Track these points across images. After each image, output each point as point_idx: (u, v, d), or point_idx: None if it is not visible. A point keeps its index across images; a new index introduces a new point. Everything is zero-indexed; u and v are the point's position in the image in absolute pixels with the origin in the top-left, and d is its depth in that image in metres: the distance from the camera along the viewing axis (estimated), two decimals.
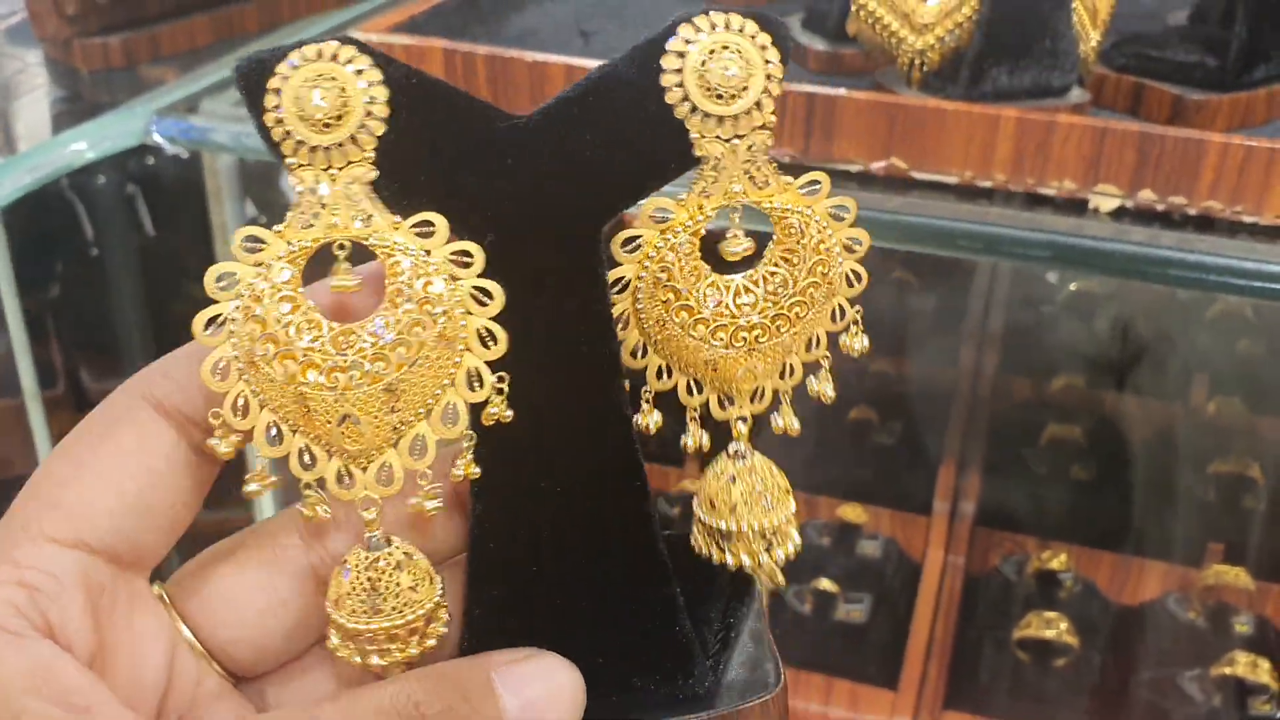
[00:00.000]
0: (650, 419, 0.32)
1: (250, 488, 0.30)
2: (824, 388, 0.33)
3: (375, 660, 0.30)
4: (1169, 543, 0.94)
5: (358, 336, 0.29)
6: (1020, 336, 1.07)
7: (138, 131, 0.76)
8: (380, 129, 0.28)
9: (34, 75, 0.98)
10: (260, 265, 0.29)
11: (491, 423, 0.30)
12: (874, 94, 0.67)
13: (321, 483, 0.30)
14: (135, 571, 0.31)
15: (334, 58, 0.28)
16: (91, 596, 0.29)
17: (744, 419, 0.33)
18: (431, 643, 0.31)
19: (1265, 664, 0.82)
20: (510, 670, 0.30)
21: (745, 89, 0.29)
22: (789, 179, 0.31)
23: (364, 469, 0.29)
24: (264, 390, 0.29)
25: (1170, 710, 0.83)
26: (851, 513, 0.93)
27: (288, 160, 0.29)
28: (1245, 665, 0.81)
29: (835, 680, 0.84)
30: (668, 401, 0.33)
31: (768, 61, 0.29)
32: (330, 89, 0.28)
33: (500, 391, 0.30)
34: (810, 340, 0.32)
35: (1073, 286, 1.08)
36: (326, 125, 0.28)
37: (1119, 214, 0.64)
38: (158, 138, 0.76)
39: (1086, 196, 0.64)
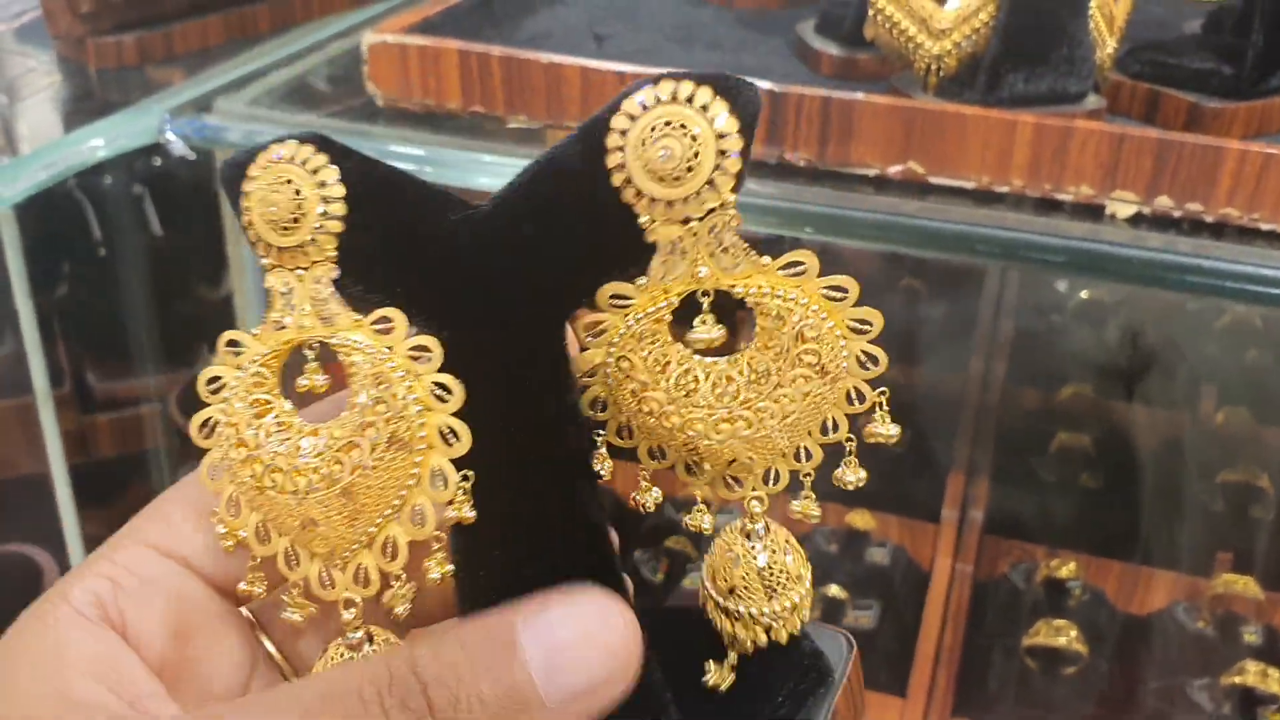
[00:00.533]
0: (649, 496, 0.31)
1: (254, 589, 0.31)
2: (846, 475, 0.30)
3: None
4: (1177, 552, 0.94)
5: (319, 439, 0.29)
6: (1029, 345, 1.07)
7: (151, 130, 0.76)
8: (338, 227, 0.28)
9: (45, 74, 0.98)
10: (240, 369, 0.29)
11: (453, 523, 0.29)
12: (892, 98, 0.67)
13: (306, 582, 0.29)
14: (229, 596, 0.31)
15: (291, 159, 0.28)
16: (178, 607, 0.30)
17: (759, 499, 0.31)
18: None
19: (1275, 673, 0.81)
20: (537, 616, 0.26)
21: (690, 169, 0.26)
22: (766, 260, 0.28)
23: (342, 570, 0.29)
24: (245, 492, 0.29)
25: (1179, 719, 0.83)
26: (860, 520, 0.93)
27: (262, 262, 0.29)
28: (1255, 674, 0.81)
29: None
30: None
31: (720, 136, 0.26)
32: (286, 192, 0.28)
33: (465, 491, 0.29)
34: (825, 424, 0.30)
35: (1083, 295, 1.08)
36: (286, 228, 0.28)
37: (1136, 220, 0.64)
38: (171, 136, 0.76)
39: (1103, 202, 0.64)
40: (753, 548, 0.31)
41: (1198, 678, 0.85)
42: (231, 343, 0.30)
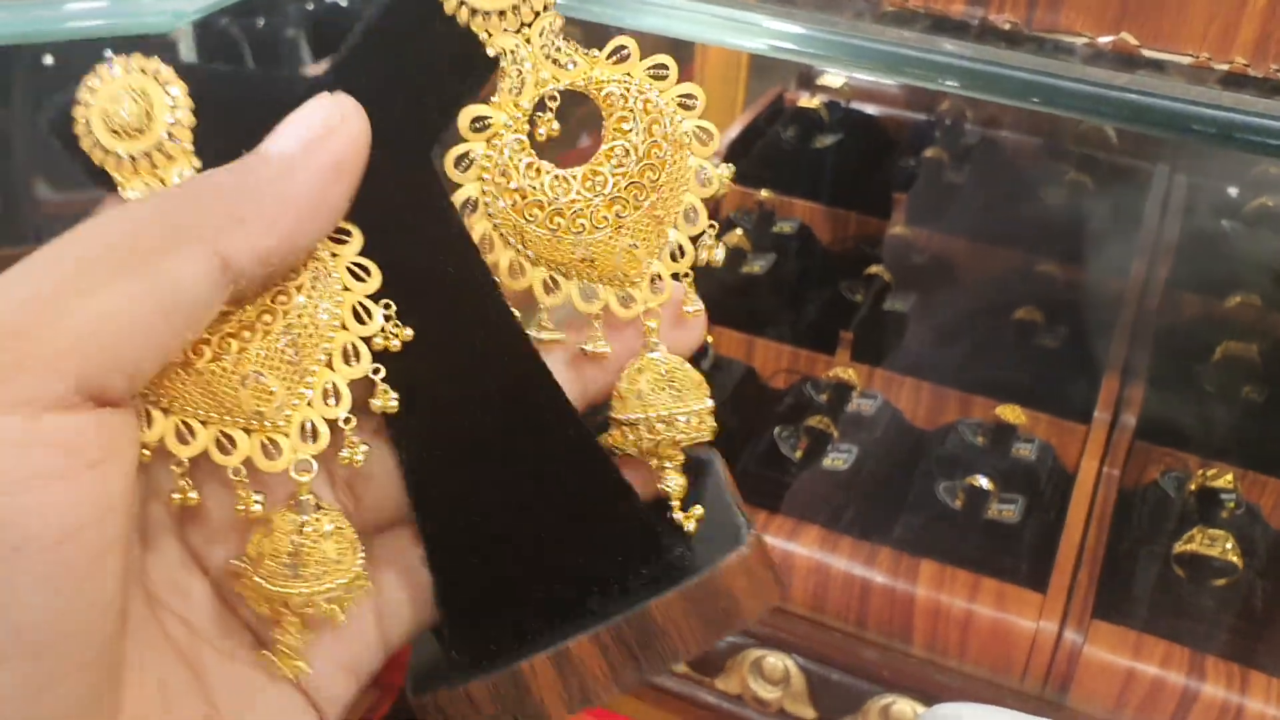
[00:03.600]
0: (550, 334, 0.32)
1: (184, 499, 0.30)
2: (711, 254, 0.33)
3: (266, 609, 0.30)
4: None
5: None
6: (1197, 249, 1.02)
7: None
8: (190, 122, 0.29)
9: None
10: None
11: (385, 347, 0.30)
12: None
13: (248, 464, 0.29)
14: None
15: (125, 70, 0.29)
16: None
17: (653, 312, 0.32)
18: (341, 610, 0.30)
19: None
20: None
21: None
22: (595, 52, 0.31)
23: (286, 435, 0.29)
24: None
25: None
26: (1010, 414, 0.91)
27: (116, 179, 0.29)
28: None
29: (983, 578, 0.83)
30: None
31: None
32: (133, 98, 0.28)
33: (388, 318, 0.30)
34: (688, 212, 0.32)
35: (1260, 201, 1.03)
36: (133, 135, 0.28)
37: None
38: None
39: None
40: (655, 359, 0.32)
41: None
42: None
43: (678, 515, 0.33)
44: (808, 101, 1.15)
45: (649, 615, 0.30)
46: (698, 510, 0.33)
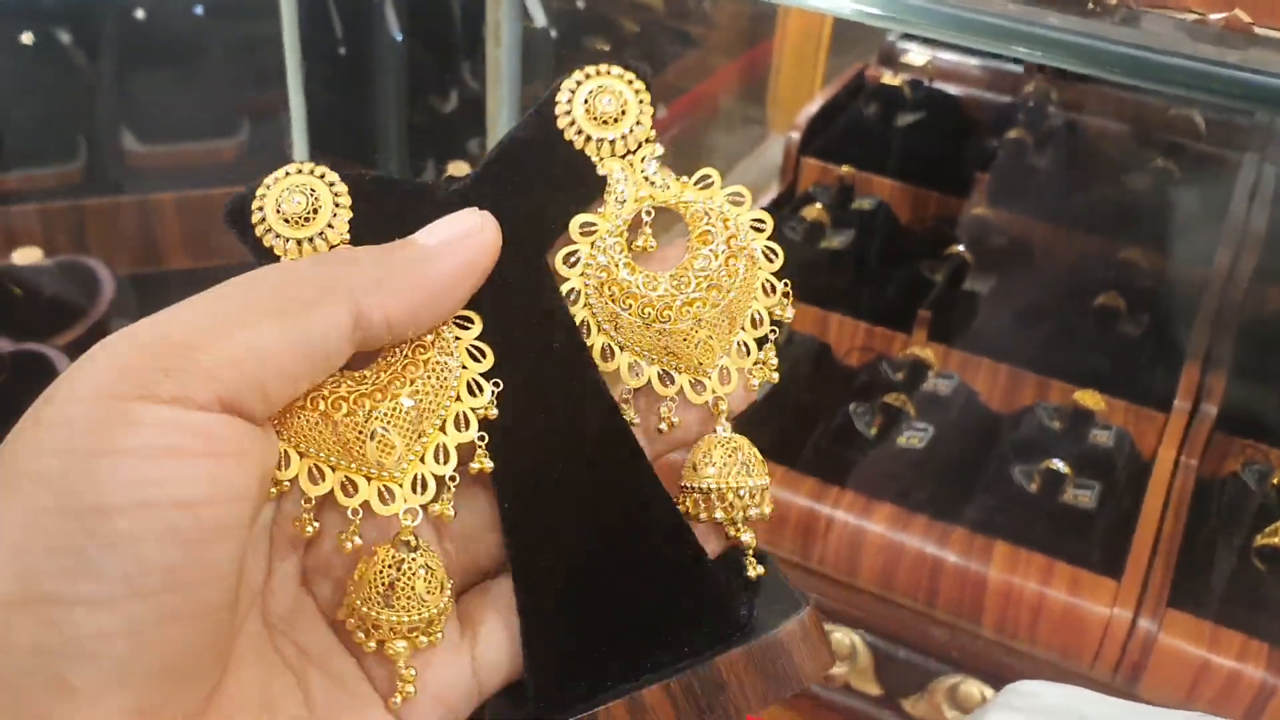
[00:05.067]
0: (630, 414, 0.36)
1: (305, 529, 0.33)
2: (768, 373, 0.37)
3: (372, 643, 0.33)
4: None
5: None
6: None
7: None
8: (348, 215, 0.34)
9: None
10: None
11: (486, 415, 0.34)
12: None
13: (365, 506, 0.33)
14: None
15: (299, 172, 0.34)
16: None
17: (720, 399, 0.36)
18: (423, 641, 0.33)
19: None
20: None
21: (624, 113, 0.36)
22: (685, 178, 0.37)
23: (399, 485, 0.33)
24: (305, 440, 0.32)
25: None
26: (1088, 399, 0.90)
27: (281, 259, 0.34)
28: None
29: (1057, 563, 0.82)
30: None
31: (636, 91, 0.36)
32: (303, 193, 0.34)
33: (496, 395, 0.34)
34: (754, 318, 0.36)
35: None
36: (304, 221, 0.33)
37: None
38: None
39: None
40: (724, 437, 0.36)
41: None
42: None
43: (750, 566, 0.36)
44: (890, 79, 1.14)
45: (715, 668, 0.33)
46: (760, 569, 0.36)
